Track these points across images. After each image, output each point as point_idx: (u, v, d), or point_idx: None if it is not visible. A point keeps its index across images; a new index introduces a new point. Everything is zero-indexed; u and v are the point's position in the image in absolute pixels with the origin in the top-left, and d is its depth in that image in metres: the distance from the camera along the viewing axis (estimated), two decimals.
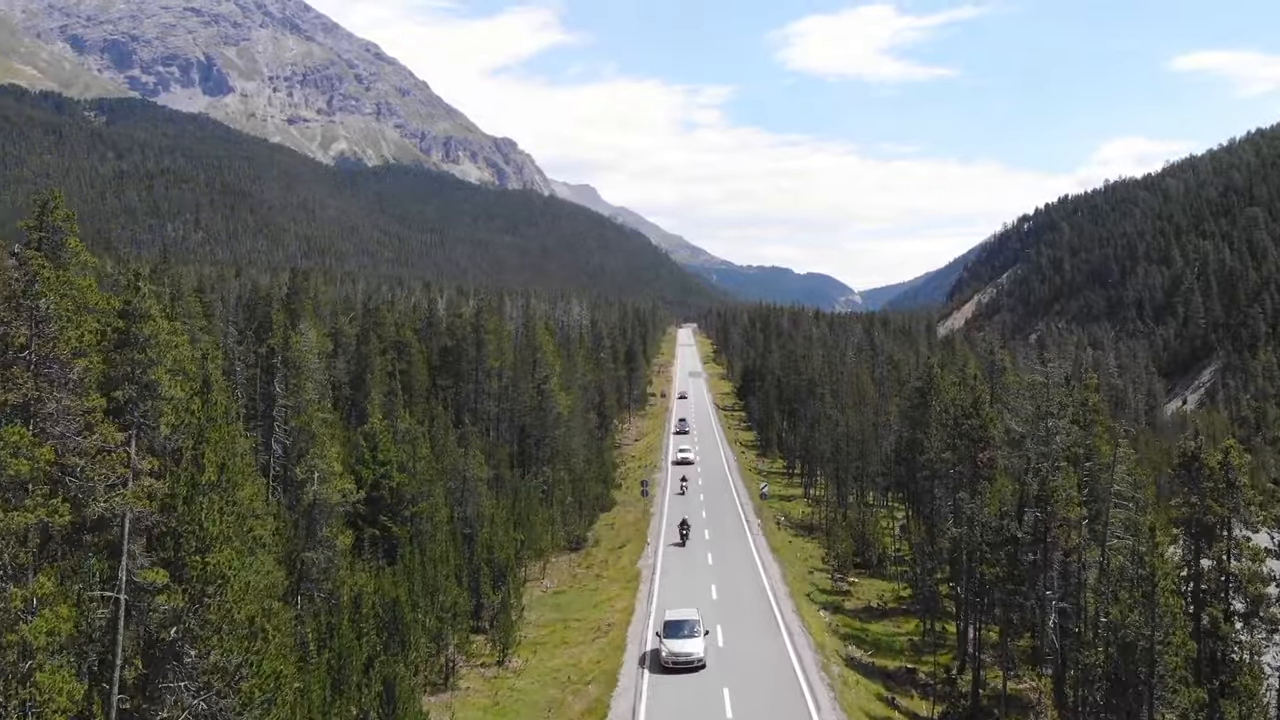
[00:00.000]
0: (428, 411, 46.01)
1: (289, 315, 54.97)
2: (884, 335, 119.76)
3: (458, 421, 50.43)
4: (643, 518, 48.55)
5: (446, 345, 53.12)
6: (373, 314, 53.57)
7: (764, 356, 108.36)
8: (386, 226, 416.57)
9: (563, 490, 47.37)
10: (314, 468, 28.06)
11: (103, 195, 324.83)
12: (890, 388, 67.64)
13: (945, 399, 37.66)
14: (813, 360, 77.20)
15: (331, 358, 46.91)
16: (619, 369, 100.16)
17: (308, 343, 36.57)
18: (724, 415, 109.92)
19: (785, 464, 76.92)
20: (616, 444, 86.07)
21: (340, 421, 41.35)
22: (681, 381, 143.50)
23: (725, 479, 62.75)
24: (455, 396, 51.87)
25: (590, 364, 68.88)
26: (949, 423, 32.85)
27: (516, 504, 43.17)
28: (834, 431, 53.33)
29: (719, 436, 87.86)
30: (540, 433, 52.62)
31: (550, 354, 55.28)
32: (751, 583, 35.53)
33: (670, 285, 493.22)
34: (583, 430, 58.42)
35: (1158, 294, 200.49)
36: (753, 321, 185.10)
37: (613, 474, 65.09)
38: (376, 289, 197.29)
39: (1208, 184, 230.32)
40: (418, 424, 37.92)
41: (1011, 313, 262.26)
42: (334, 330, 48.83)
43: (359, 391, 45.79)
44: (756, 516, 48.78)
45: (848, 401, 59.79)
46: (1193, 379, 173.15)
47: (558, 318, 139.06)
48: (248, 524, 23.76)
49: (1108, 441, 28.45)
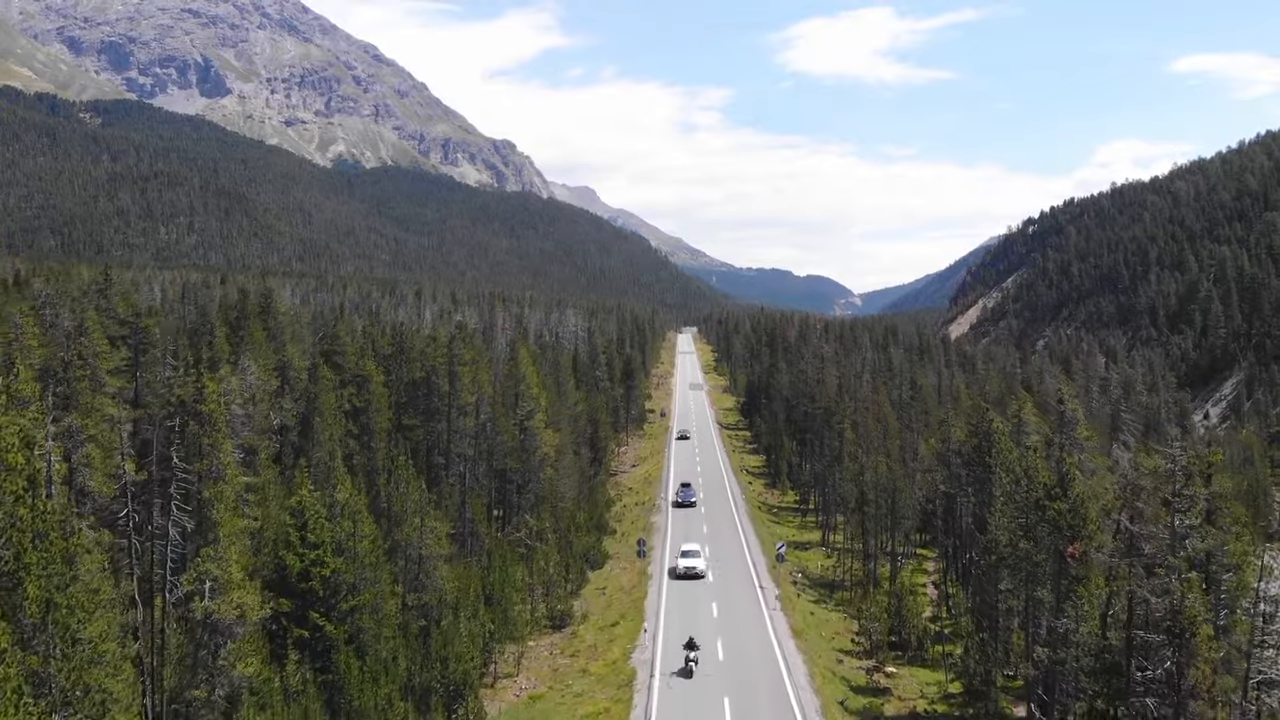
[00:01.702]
0: (389, 458, 39.34)
1: (235, 343, 48.23)
2: (897, 350, 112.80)
3: (425, 468, 43.76)
4: (639, 582, 41.79)
5: (416, 377, 46.35)
6: (330, 339, 46.87)
7: (770, 373, 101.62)
8: (383, 229, 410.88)
9: (546, 551, 40.64)
10: (204, 575, 21.38)
11: (95, 198, 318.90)
12: (915, 417, 61.02)
13: (1013, 465, 30.81)
14: (826, 385, 70.45)
15: (278, 396, 40.28)
16: (616, 388, 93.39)
17: (229, 388, 29.85)
18: (727, 436, 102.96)
19: (797, 498, 70.15)
20: (612, 471, 79.37)
21: (277, 482, 34.64)
22: (682, 396, 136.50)
23: (733, 522, 55.94)
24: (426, 437, 45.21)
25: (582, 395, 62.16)
26: (1025, 502, 26.15)
27: (489, 577, 36.53)
28: (859, 477, 46.59)
29: (723, 464, 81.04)
30: (523, 476, 45.96)
31: (535, 386, 48.60)
32: (774, 693, 28.74)
33: (670, 288, 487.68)
34: (572, 469, 51.75)
35: (1171, 301, 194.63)
36: (755, 330, 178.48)
37: (606, 514, 58.40)
38: (367, 296, 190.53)
39: (1219, 187, 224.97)
40: (359, 491, 31.18)
41: (1018, 318, 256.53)
42: (281, 365, 42.15)
43: (307, 439, 39.17)
44: (772, 582, 42.02)
45: (872, 440, 53.08)
46: (1213, 391, 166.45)
47: (551, 329, 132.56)
48: (92, 677, 16.99)
49: (1237, 536, 21.78)
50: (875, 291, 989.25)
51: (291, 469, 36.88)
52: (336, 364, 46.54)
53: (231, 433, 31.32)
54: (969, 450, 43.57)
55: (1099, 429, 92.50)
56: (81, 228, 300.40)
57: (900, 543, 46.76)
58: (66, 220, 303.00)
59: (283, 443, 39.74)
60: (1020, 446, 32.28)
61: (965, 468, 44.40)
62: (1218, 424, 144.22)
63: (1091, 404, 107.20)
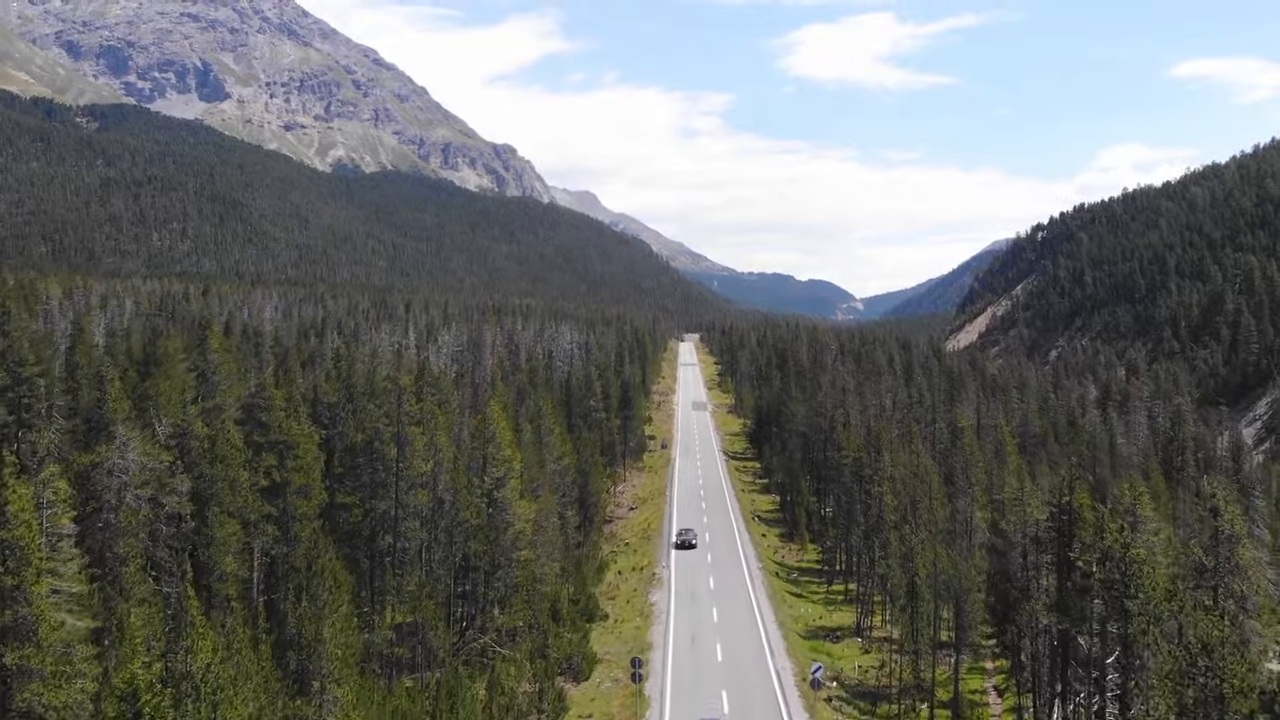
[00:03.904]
0: (307, 559, 30.38)
1: (137, 401, 39.28)
2: (922, 374, 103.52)
3: (369, 555, 34.83)
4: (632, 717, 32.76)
5: (355, 442, 37.39)
6: (257, 392, 37.94)
7: (781, 399, 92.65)
8: (381, 235, 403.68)
9: (515, 669, 31.74)
10: None
11: (88, 204, 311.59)
12: (958, 468, 52.00)
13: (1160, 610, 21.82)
14: (851, 428, 61.41)
15: (168, 475, 31.44)
16: (612, 419, 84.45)
17: (39, 498, 20.98)
18: (735, 470, 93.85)
19: (819, 556, 61.02)
20: (608, 518, 70.41)
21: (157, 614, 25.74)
22: (684, 419, 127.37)
23: (749, 602, 46.85)
24: (366, 519, 36.34)
25: (570, 446, 53.15)
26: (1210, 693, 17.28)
27: (437, 711, 27.67)
28: (908, 562, 37.58)
29: (733, 511, 72.01)
30: (491, 560, 37.13)
31: (508, 445, 39.75)
32: None
33: (671, 293, 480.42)
34: (555, 542, 42.85)
35: (1194, 312, 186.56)
36: (762, 345, 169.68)
37: (597, 588, 49.44)
38: (354, 307, 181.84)
39: (1236, 193, 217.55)
40: (232, 647, 22.17)
41: (1029, 327, 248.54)
42: (181, 430, 33.18)
43: (201, 535, 30.33)
44: (804, 709, 33.02)
45: (916, 502, 44.04)
46: (1245, 410, 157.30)
47: (545, 347, 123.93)
48: None
49: None
50: (878, 296, 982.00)
51: (178, 584, 27.92)
52: (263, 423, 37.72)
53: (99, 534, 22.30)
54: (1047, 531, 34.76)
55: (1149, 463, 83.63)
56: (73, 234, 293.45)
57: (964, 648, 37.69)
58: (57, 226, 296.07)
59: (177, 536, 30.86)
60: (1174, 585, 23.44)
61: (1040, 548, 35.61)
62: (1254, 446, 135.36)
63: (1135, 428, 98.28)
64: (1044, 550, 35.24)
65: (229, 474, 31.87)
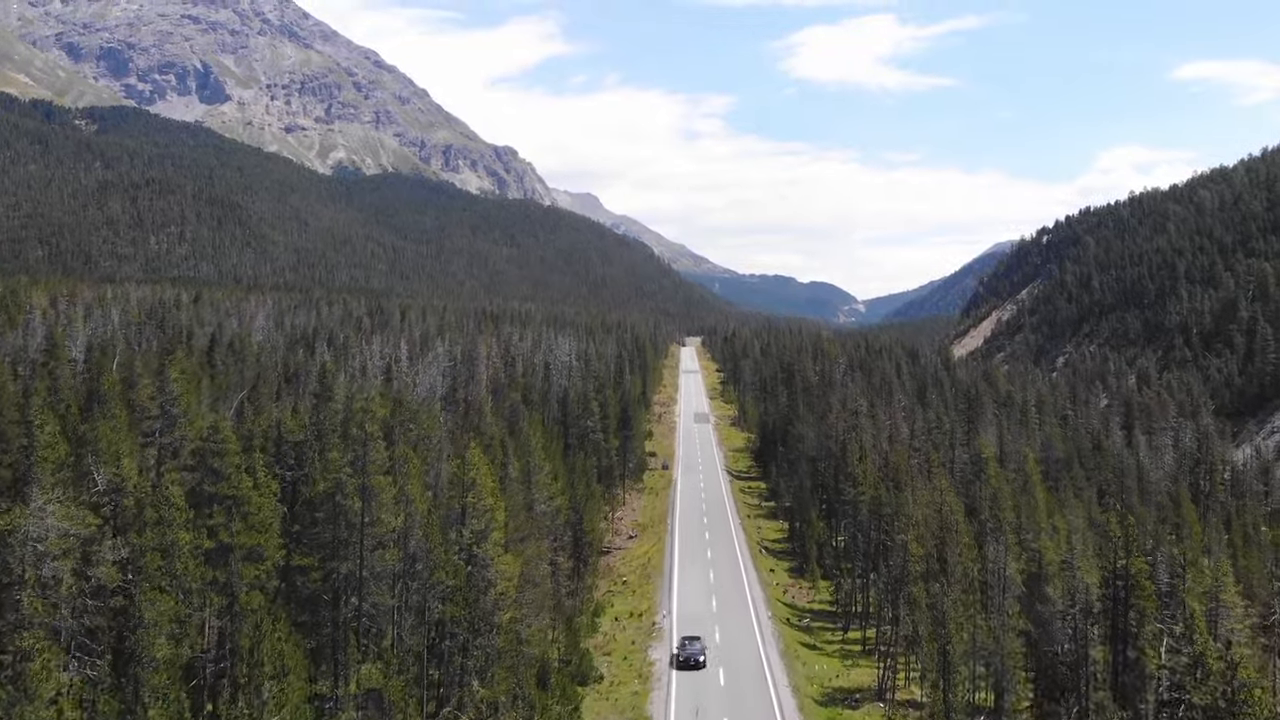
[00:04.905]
0: (252, 639, 26.20)
1: (77, 444, 35.05)
2: (938, 393, 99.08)
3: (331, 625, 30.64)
4: None
5: (315, 494, 33.19)
6: (210, 434, 33.73)
7: (789, 418, 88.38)
8: (382, 237, 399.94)
9: None
10: None
11: (85, 207, 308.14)
12: (985, 508, 47.70)
13: None
14: (867, 462, 57.09)
15: (94, 542, 27.24)
16: (611, 440, 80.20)
17: None
18: (740, 492, 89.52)
19: (831, 595, 56.73)
20: (605, 549, 66.13)
21: None
22: (686, 433, 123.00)
23: (759, 664, 42.50)
24: (327, 582, 32.14)
25: (561, 485, 48.82)
26: None
27: None
28: (939, 628, 33.29)
29: (737, 540, 67.67)
30: (469, 625, 33.01)
31: (490, 494, 35.59)
32: None
33: (673, 296, 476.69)
34: (543, 601, 38.64)
35: (1206, 319, 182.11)
36: (765, 355, 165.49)
37: (590, 641, 45.21)
38: (346, 317, 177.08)
39: (1246, 196, 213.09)
40: None
41: (1035, 333, 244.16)
42: (114, 487, 28.98)
43: (129, 615, 26.17)
44: None
45: (945, 548, 39.70)
46: (1264, 421, 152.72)
47: (542, 358, 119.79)
48: None
49: None
50: (879, 298, 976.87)
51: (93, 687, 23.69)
52: (216, 470, 33.58)
53: None
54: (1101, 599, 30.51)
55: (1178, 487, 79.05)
56: (69, 237, 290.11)
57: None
58: (55, 230, 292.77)
59: (105, 617, 26.65)
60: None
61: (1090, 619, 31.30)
62: (1275, 458, 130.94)
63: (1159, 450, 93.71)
64: (1095, 622, 31.01)
65: (164, 539, 27.65)
